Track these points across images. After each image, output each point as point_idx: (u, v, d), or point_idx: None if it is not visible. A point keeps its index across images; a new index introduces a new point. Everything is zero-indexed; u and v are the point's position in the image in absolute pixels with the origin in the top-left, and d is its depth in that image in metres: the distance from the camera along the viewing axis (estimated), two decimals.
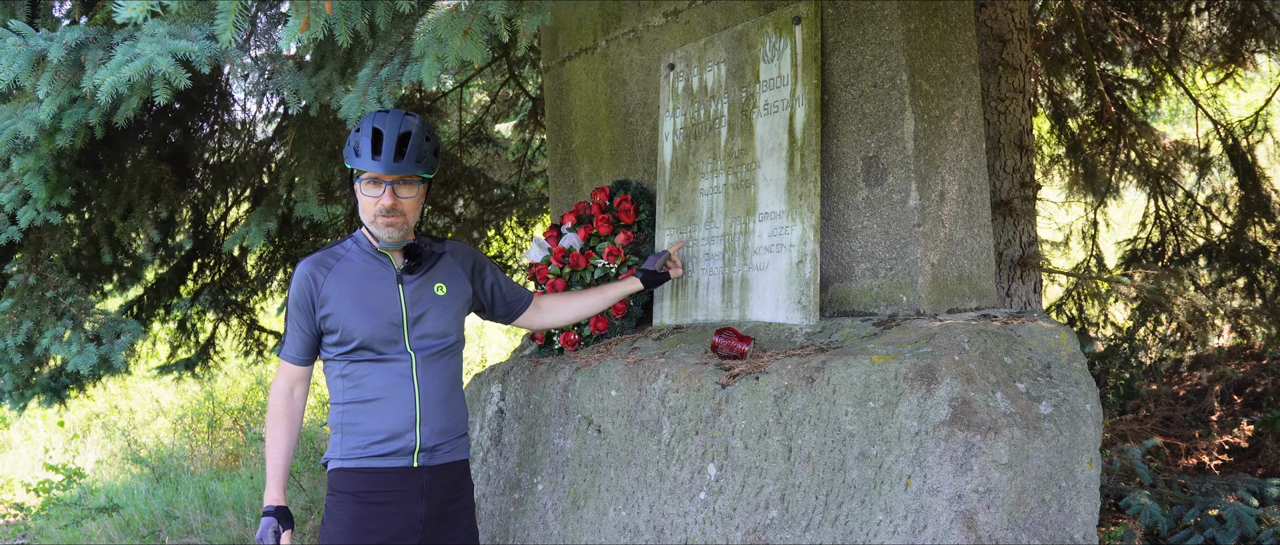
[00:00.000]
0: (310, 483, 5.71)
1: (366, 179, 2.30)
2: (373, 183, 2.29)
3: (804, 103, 2.63)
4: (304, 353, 2.37)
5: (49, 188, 3.54)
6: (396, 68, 2.49)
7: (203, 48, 2.45)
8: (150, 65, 2.39)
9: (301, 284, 2.32)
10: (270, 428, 2.38)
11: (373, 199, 2.30)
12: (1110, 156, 5.81)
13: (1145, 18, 5.47)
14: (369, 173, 2.28)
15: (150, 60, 2.38)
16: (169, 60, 2.40)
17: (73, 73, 2.66)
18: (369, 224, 2.34)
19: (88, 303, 3.90)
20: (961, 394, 2.04)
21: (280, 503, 2.34)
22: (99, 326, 3.82)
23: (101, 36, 2.66)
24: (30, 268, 3.96)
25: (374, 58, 2.58)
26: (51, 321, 3.82)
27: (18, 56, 2.59)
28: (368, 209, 2.32)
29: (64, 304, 3.86)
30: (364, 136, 2.26)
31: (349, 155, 2.30)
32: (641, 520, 2.54)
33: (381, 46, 2.61)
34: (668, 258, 2.85)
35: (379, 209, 2.29)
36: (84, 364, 3.69)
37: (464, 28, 1.95)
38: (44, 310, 3.86)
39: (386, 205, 2.28)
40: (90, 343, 3.75)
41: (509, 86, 6.85)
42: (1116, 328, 5.85)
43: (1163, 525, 3.24)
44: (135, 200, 4.31)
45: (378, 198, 2.29)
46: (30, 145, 3.11)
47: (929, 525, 2.00)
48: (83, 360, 3.69)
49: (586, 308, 2.78)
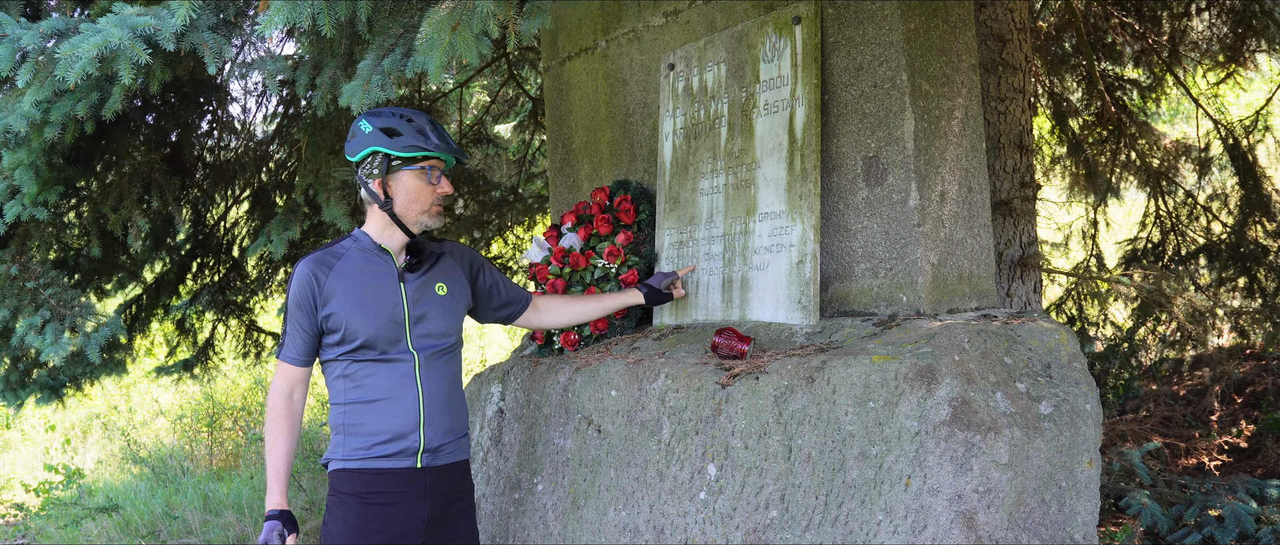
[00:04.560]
0: (310, 483, 5.70)
1: (425, 168, 2.31)
2: (425, 171, 2.31)
3: (804, 103, 2.63)
4: (304, 353, 2.35)
5: (39, 183, 3.53)
6: (398, 59, 2.49)
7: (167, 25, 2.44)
8: (107, 40, 2.38)
9: (303, 283, 2.30)
10: (270, 430, 2.35)
11: (432, 187, 2.32)
12: (1110, 156, 5.81)
13: (1145, 18, 5.47)
14: (430, 158, 2.30)
15: (107, 35, 2.38)
16: (126, 33, 2.39)
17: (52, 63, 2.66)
18: (420, 214, 2.34)
19: (68, 295, 3.87)
20: (961, 394, 2.03)
21: (283, 506, 2.32)
22: (77, 319, 3.80)
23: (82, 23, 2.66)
24: (13, 259, 3.95)
25: (374, 50, 2.58)
26: (29, 311, 3.79)
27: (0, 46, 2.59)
28: (424, 198, 2.33)
29: (44, 295, 3.84)
30: (421, 124, 2.28)
31: (411, 142, 2.28)
32: (641, 520, 2.54)
33: (381, 39, 2.61)
34: (675, 279, 2.86)
35: (439, 197, 2.32)
36: (57, 354, 3.65)
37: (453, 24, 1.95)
38: (23, 300, 3.83)
39: (447, 192, 2.31)
40: (66, 334, 3.72)
41: (509, 87, 6.85)
42: (1116, 328, 5.85)
43: (1163, 525, 3.24)
44: (126, 192, 4.29)
45: (436, 186, 2.32)
46: (21, 140, 3.11)
47: (929, 525, 2.00)
48: (56, 350, 3.65)
49: (585, 313, 2.79)
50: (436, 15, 1.96)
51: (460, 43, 1.99)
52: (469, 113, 7.41)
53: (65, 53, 2.41)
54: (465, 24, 1.96)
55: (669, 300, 2.88)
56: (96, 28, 2.42)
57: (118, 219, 4.29)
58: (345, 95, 2.54)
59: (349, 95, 2.52)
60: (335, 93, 2.85)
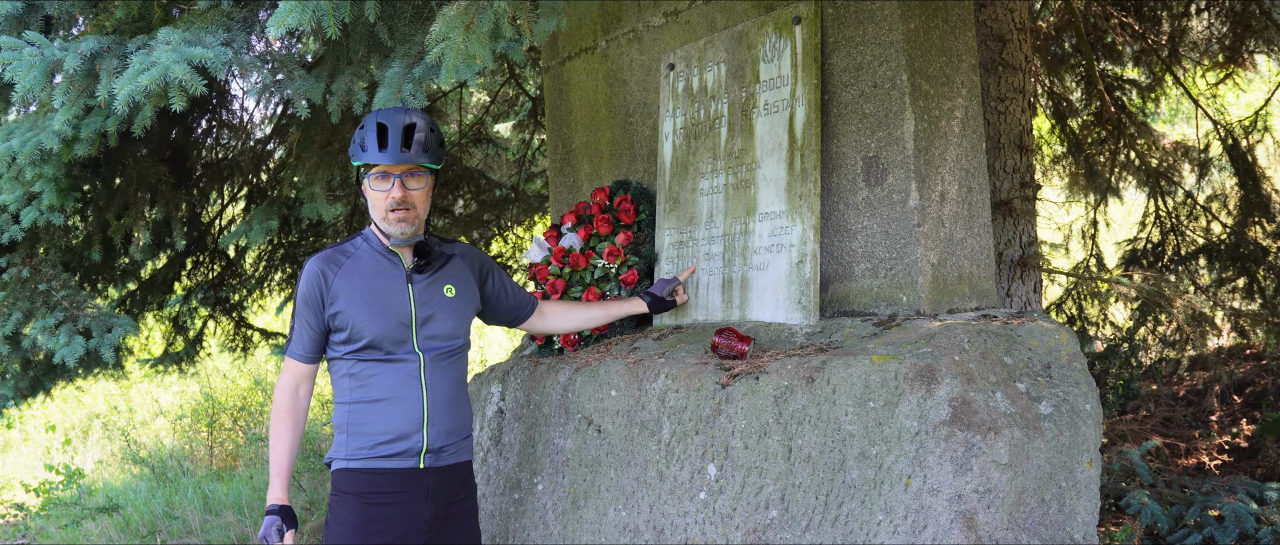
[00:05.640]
0: (310, 482, 5.70)
1: (375, 174, 2.29)
2: (381, 177, 2.29)
3: (804, 103, 2.63)
4: (311, 350, 2.36)
5: (59, 193, 3.56)
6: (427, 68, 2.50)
7: (218, 54, 2.46)
8: (167, 73, 2.40)
9: (311, 281, 2.31)
10: (274, 426, 2.37)
11: (382, 193, 2.29)
12: (1110, 156, 5.81)
13: (1145, 18, 5.47)
14: (378, 166, 2.27)
15: (167, 68, 2.40)
16: (185, 67, 2.41)
17: (87, 82, 2.67)
18: (380, 221, 2.33)
19: (80, 297, 3.90)
20: (961, 394, 2.04)
21: (284, 501, 2.33)
22: (91, 320, 3.82)
23: (115, 46, 2.67)
24: (25, 262, 3.96)
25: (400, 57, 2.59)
26: (43, 313, 3.82)
27: (34, 66, 2.60)
28: (378, 205, 2.31)
29: (56, 297, 3.86)
30: (369, 132, 2.26)
31: (355, 152, 2.30)
32: (641, 520, 2.54)
33: (405, 46, 2.62)
34: (676, 285, 2.87)
35: (389, 203, 2.28)
36: (71, 355, 3.68)
37: (466, 22, 1.96)
38: (35, 302, 3.86)
39: (397, 198, 2.27)
40: (79, 335, 3.74)
41: (509, 86, 6.85)
42: (1116, 328, 5.85)
43: (1163, 525, 3.24)
44: (132, 200, 4.31)
45: (387, 191, 2.28)
46: (50, 155, 3.13)
47: (929, 525, 2.00)
48: (70, 351, 3.68)
49: (589, 319, 2.83)
50: (448, 13, 1.96)
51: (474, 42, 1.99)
52: (469, 112, 7.41)
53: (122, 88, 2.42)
54: (478, 24, 1.96)
55: (672, 307, 2.89)
56: (150, 59, 2.43)
57: (120, 227, 4.31)
58: (378, 103, 2.55)
59: (380, 104, 2.54)
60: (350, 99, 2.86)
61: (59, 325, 3.74)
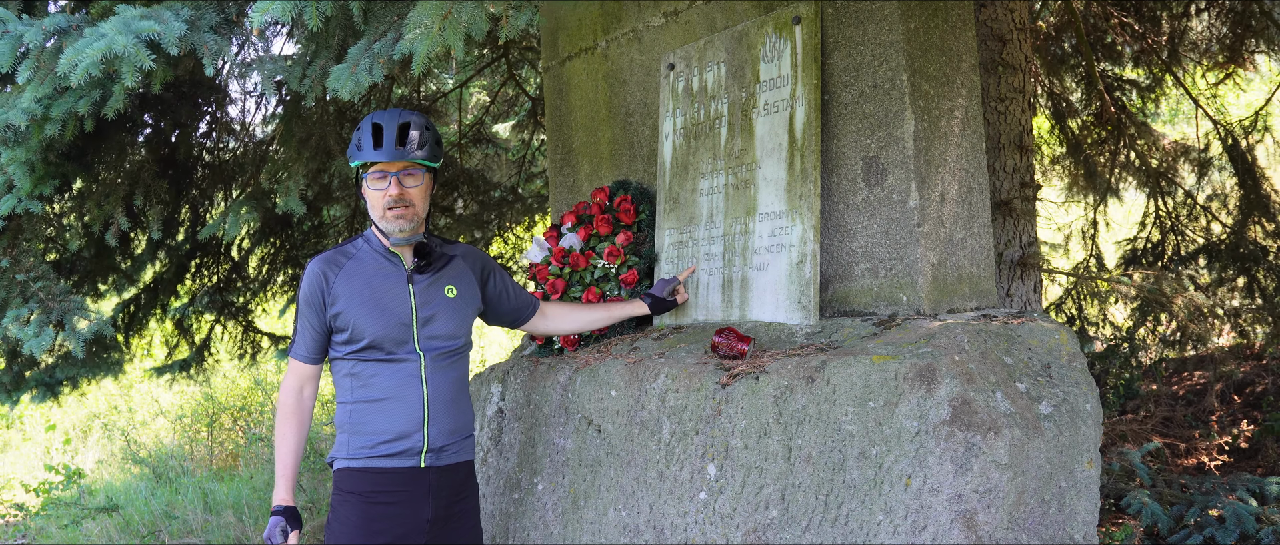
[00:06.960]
0: (310, 482, 5.70)
1: (373, 173, 2.30)
2: (379, 176, 2.29)
3: (804, 103, 2.63)
4: (314, 351, 2.37)
5: (34, 178, 3.54)
6: (389, 43, 2.48)
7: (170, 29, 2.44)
8: (111, 46, 2.37)
9: (312, 281, 2.32)
10: (279, 426, 2.38)
11: (380, 192, 2.30)
12: (1110, 156, 5.81)
13: (1145, 18, 5.47)
14: (375, 164, 2.28)
15: (111, 40, 2.37)
16: (131, 39, 2.38)
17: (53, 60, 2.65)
18: (379, 220, 2.33)
19: (58, 289, 3.87)
20: (961, 394, 2.04)
21: (289, 502, 2.34)
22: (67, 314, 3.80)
23: (84, 23, 2.65)
24: (4, 252, 3.95)
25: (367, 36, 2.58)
26: (18, 303, 3.80)
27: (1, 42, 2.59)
28: (376, 203, 2.32)
29: (32, 288, 3.84)
30: (364, 132, 2.27)
31: (352, 154, 2.30)
32: (641, 520, 2.54)
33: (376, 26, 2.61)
34: (677, 286, 2.87)
35: (387, 200, 2.29)
36: (39, 347, 3.66)
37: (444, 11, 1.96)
38: (11, 293, 3.84)
39: (393, 195, 2.28)
40: (50, 327, 3.72)
41: (509, 86, 6.85)
42: (1116, 328, 5.85)
43: (1163, 525, 3.24)
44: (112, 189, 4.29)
45: (384, 189, 2.29)
46: (21, 135, 3.11)
47: (929, 525, 2.00)
48: (38, 344, 3.66)
49: (590, 321, 2.84)
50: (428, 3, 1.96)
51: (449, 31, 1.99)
52: (469, 113, 7.41)
53: (68, 58, 2.40)
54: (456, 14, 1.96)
55: (673, 308, 2.90)
56: (99, 32, 2.41)
57: (100, 214, 4.28)
58: (333, 78, 2.52)
59: (336, 78, 2.50)
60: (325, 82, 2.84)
61: (31, 317, 3.72)
